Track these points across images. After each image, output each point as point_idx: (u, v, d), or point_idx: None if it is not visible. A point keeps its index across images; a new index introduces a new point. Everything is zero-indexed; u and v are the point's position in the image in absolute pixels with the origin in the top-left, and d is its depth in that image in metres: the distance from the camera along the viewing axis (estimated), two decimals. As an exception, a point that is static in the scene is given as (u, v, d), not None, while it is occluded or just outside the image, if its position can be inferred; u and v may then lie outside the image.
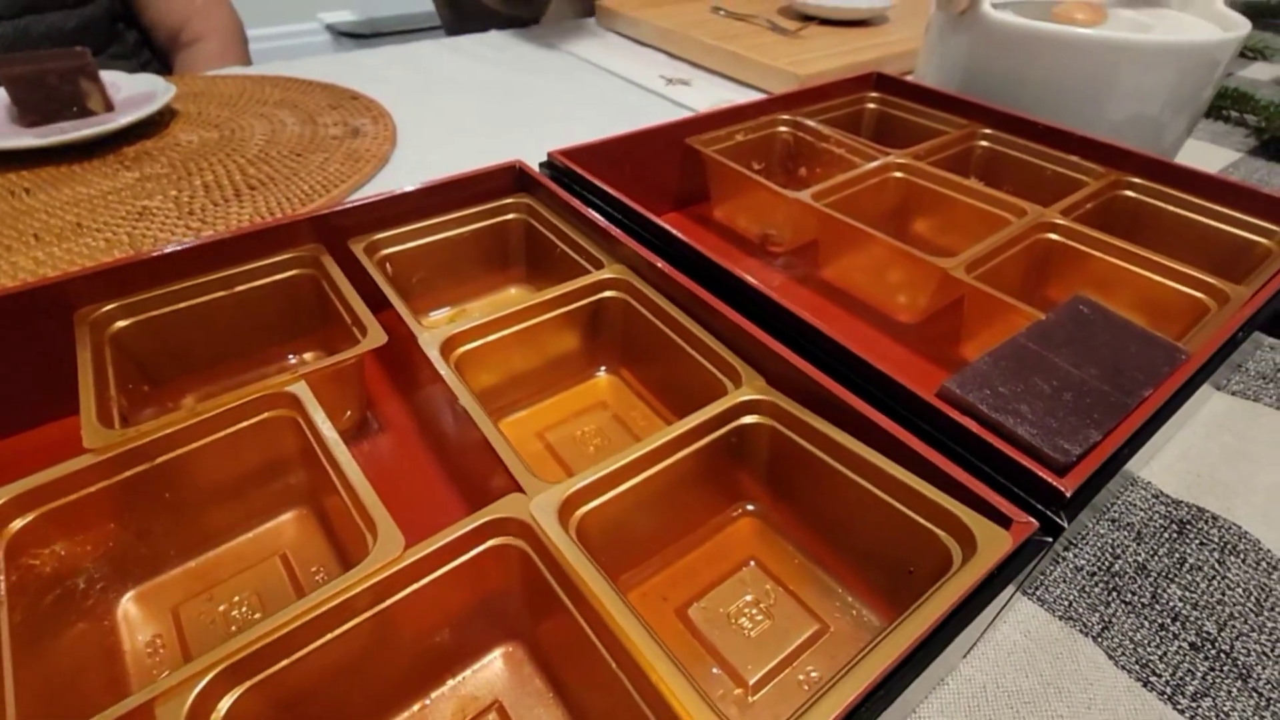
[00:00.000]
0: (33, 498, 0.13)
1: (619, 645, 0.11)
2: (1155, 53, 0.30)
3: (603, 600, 0.12)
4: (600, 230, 0.21)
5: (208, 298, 0.20)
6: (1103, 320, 0.17)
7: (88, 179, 0.35)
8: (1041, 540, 0.13)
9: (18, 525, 0.13)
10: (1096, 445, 0.14)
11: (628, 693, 0.11)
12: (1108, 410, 0.15)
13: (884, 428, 0.14)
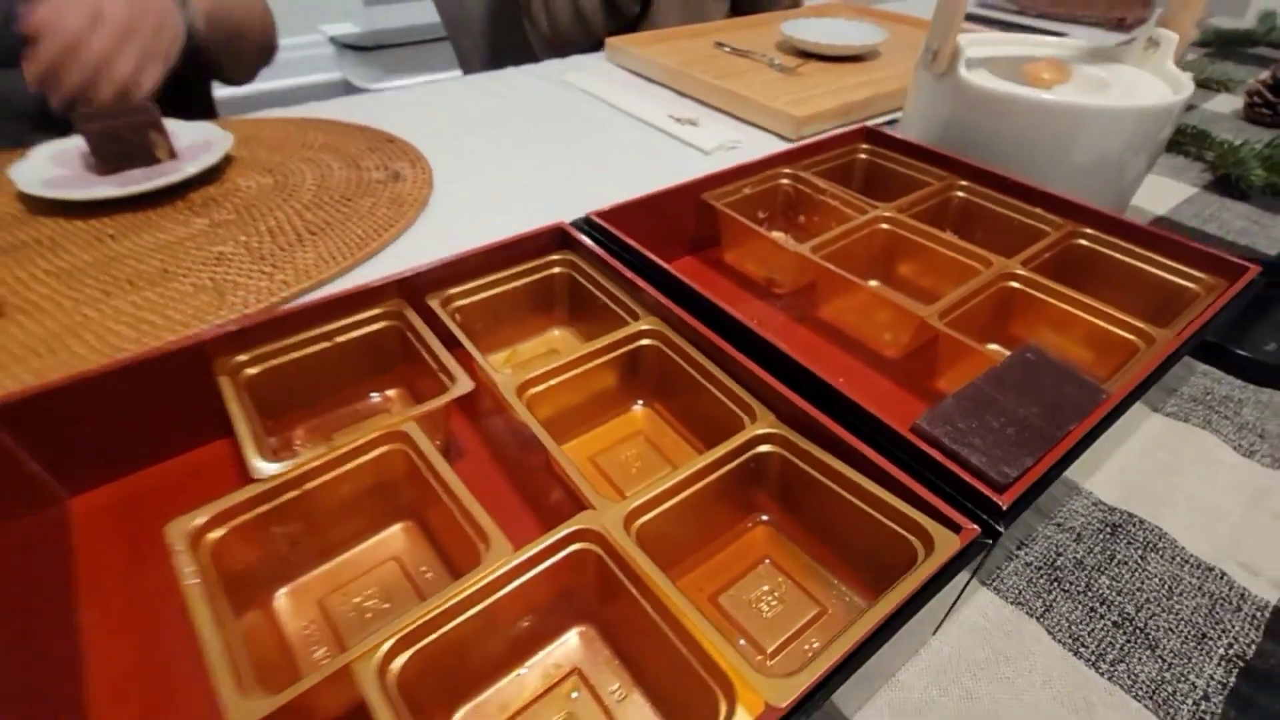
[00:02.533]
0: (224, 516, 0.18)
1: (676, 621, 0.16)
2: (1110, 115, 0.35)
3: (663, 589, 0.16)
4: (634, 285, 0.26)
5: (316, 348, 0.24)
6: (1044, 366, 0.22)
7: (163, 225, 0.40)
8: (983, 541, 0.17)
9: (214, 536, 0.18)
10: (1029, 469, 0.18)
11: (683, 656, 0.16)
12: (1040, 441, 0.19)
13: (868, 456, 0.19)
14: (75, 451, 0.22)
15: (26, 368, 0.29)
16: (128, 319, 0.32)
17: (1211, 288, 0.27)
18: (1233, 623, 0.21)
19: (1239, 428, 0.28)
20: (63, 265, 0.36)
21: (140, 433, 0.23)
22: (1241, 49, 0.78)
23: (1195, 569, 0.23)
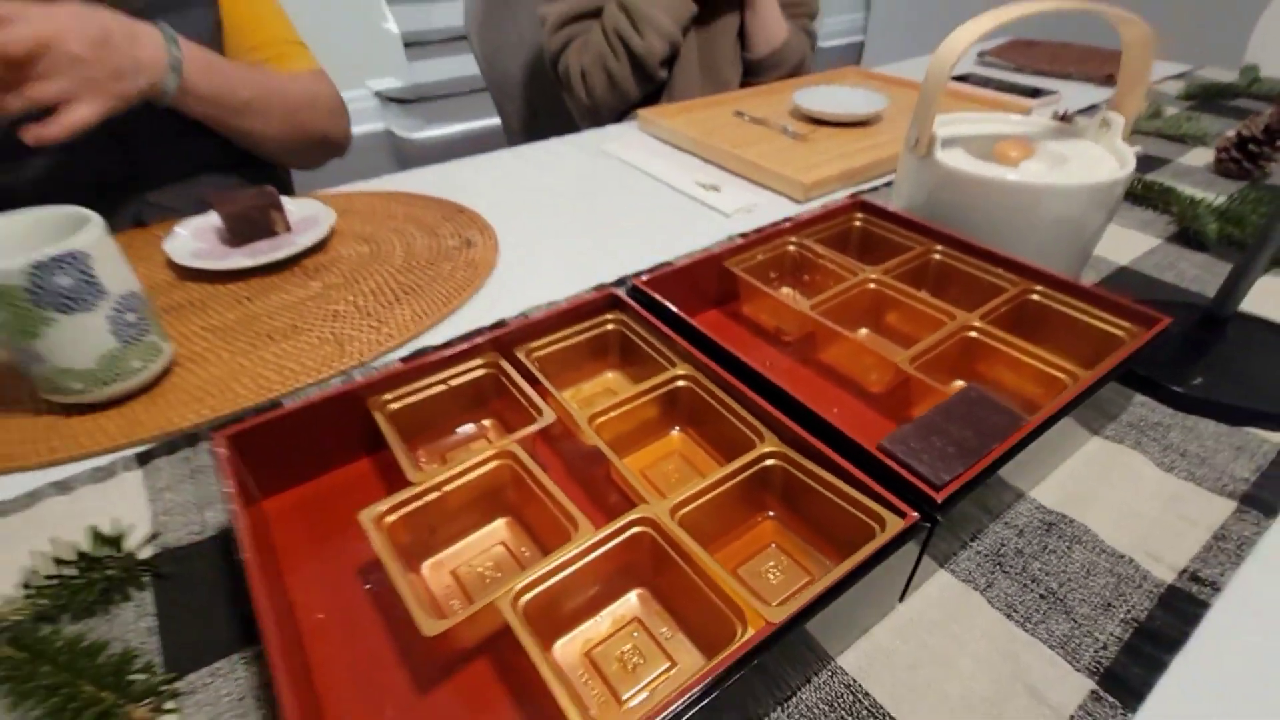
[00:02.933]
0: (392, 509, 0.26)
1: (709, 578, 0.23)
2: (1063, 191, 0.42)
3: (699, 556, 0.23)
4: (670, 337, 0.33)
5: (437, 389, 0.32)
6: (981, 401, 0.29)
7: (287, 288, 0.49)
8: (922, 525, 0.24)
9: (388, 520, 0.26)
10: (959, 475, 0.25)
11: (713, 601, 0.23)
12: (970, 456, 0.26)
13: (845, 467, 0.26)
14: (268, 466, 0.30)
15: (204, 405, 0.38)
16: (273, 366, 0.41)
17: (1134, 334, 0.34)
18: (1134, 596, 0.27)
19: (1164, 448, 0.35)
20: (214, 323, 0.45)
21: (311, 453, 0.31)
22: (1224, 101, 0.84)
23: (1110, 556, 0.29)
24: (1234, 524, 0.30)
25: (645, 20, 0.78)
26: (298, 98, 0.66)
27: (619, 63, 0.81)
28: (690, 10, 0.81)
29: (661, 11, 0.79)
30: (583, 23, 0.84)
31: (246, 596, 0.23)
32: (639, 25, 0.79)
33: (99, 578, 0.28)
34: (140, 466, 0.35)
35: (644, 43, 0.79)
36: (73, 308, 0.34)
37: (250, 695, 0.25)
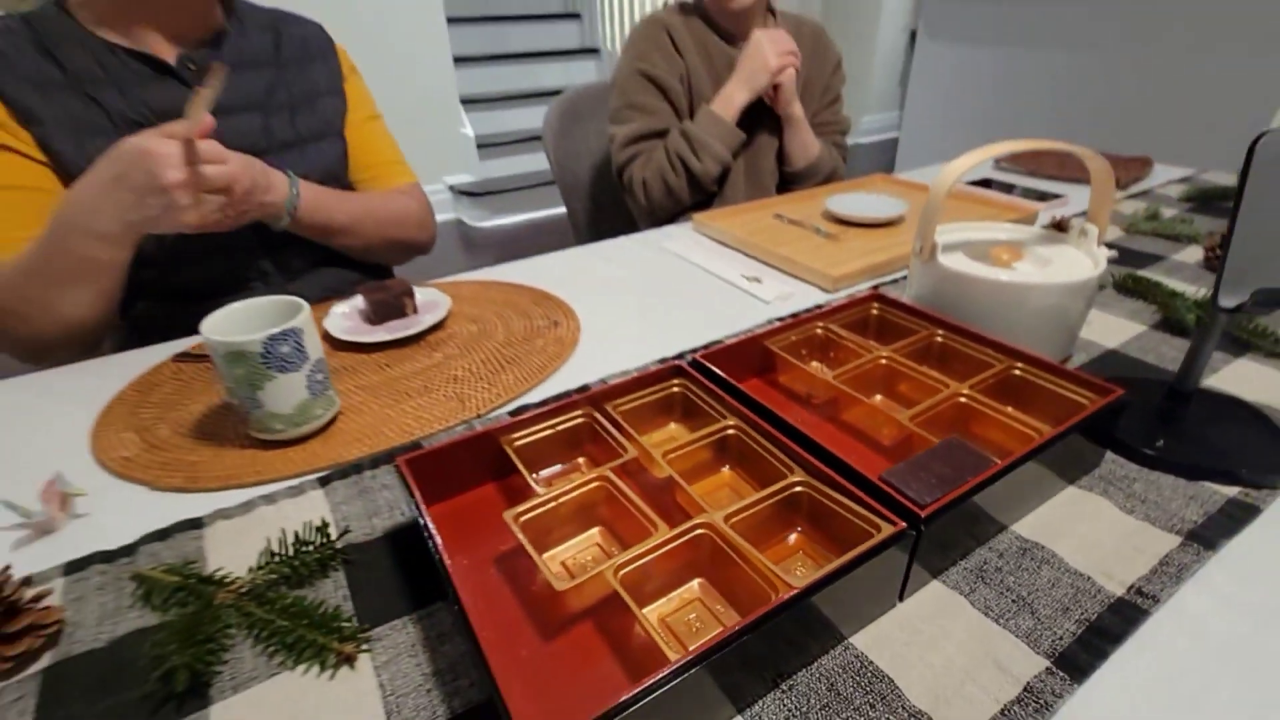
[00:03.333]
0: (525, 511, 0.36)
1: (755, 566, 0.32)
2: (1044, 289, 0.52)
3: (747, 549, 0.33)
4: (722, 398, 0.44)
5: (548, 432, 0.43)
6: (960, 447, 0.38)
7: (416, 357, 0.62)
8: (908, 532, 0.33)
9: (524, 518, 0.36)
10: (938, 499, 0.34)
11: (755, 581, 0.32)
12: (948, 486, 0.35)
13: (854, 492, 0.35)
14: (430, 483, 0.41)
15: (364, 444, 0.50)
16: (411, 416, 0.53)
17: (1094, 403, 0.43)
18: (1088, 604, 0.35)
19: (1128, 496, 0.42)
20: (363, 383, 0.58)
21: (458, 476, 0.42)
22: (1222, 203, 0.93)
23: (1072, 574, 0.37)
24: (1177, 554, 0.38)
25: (703, 147, 0.94)
26: (390, 216, 0.82)
27: (678, 179, 0.96)
28: (740, 138, 0.97)
29: (717, 141, 0.94)
30: (646, 142, 1.00)
31: (429, 567, 0.33)
32: (698, 151, 0.95)
33: (312, 558, 0.39)
34: (321, 487, 0.46)
35: (701, 165, 0.95)
36: (287, 368, 0.47)
37: (418, 643, 0.35)
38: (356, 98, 0.83)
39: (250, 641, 0.35)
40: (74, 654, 0.35)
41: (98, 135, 0.64)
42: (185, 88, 0.68)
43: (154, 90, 0.67)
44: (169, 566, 0.39)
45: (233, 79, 0.70)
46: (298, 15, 0.80)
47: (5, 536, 0.43)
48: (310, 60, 0.78)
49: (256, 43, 0.74)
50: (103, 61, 0.64)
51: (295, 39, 0.77)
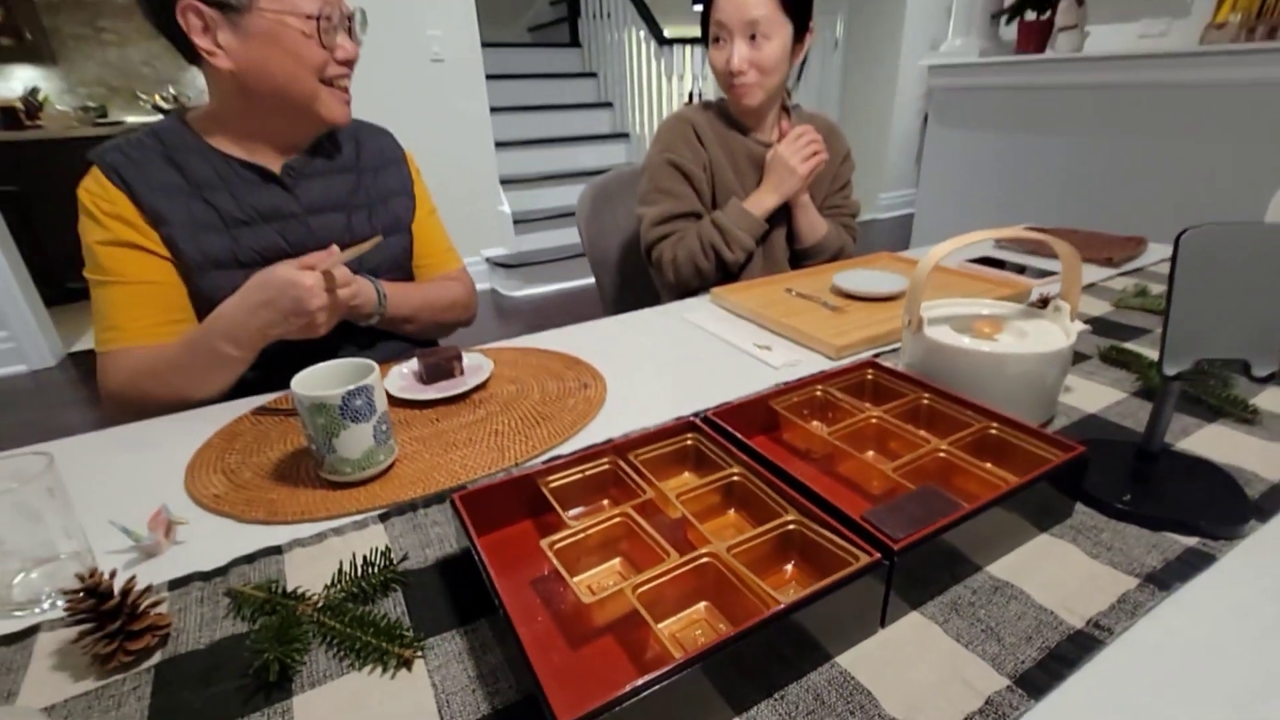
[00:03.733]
0: (557, 540, 0.43)
1: (751, 587, 0.38)
2: (1020, 358, 0.58)
3: (746, 574, 0.39)
4: (730, 450, 0.51)
5: (577, 477, 0.50)
6: (933, 493, 0.44)
7: (461, 414, 0.71)
8: (882, 563, 0.38)
9: (558, 546, 0.43)
10: (909, 535, 0.40)
11: (754, 602, 0.38)
12: (919, 525, 0.41)
13: (840, 529, 0.41)
14: (480, 518, 0.48)
15: (418, 486, 0.58)
16: (458, 464, 0.61)
17: (1057, 458, 0.48)
18: (1049, 634, 0.40)
19: (1095, 544, 0.47)
20: (416, 435, 0.67)
21: (501, 512, 0.49)
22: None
23: (1037, 609, 0.41)
24: (1135, 593, 0.42)
25: (735, 240, 1.05)
26: (443, 303, 0.94)
27: (708, 264, 1.07)
28: (764, 229, 1.08)
29: (747, 234, 1.06)
30: (673, 223, 1.11)
31: (480, 586, 0.40)
32: (730, 242, 1.05)
33: (376, 579, 0.46)
34: (381, 522, 0.54)
35: (732, 255, 1.06)
36: (359, 419, 0.55)
37: (464, 652, 0.41)
38: (421, 197, 0.96)
39: (324, 647, 0.42)
40: (180, 653, 0.42)
41: (211, 232, 0.76)
42: (285, 192, 0.82)
43: (260, 194, 0.80)
44: (256, 584, 0.46)
45: (324, 182, 0.83)
46: (374, 125, 0.94)
47: (118, 557, 0.51)
48: (385, 166, 0.92)
49: (343, 151, 0.88)
50: (218, 169, 0.78)
51: (373, 148, 0.91)
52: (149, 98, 4.22)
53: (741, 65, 1.01)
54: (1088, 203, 2.41)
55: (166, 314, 0.76)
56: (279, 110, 0.76)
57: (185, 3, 0.68)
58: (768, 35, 1.00)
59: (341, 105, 0.79)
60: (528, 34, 5.13)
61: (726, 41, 1.02)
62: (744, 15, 0.99)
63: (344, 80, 0.78)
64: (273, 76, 0.73)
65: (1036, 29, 2.44)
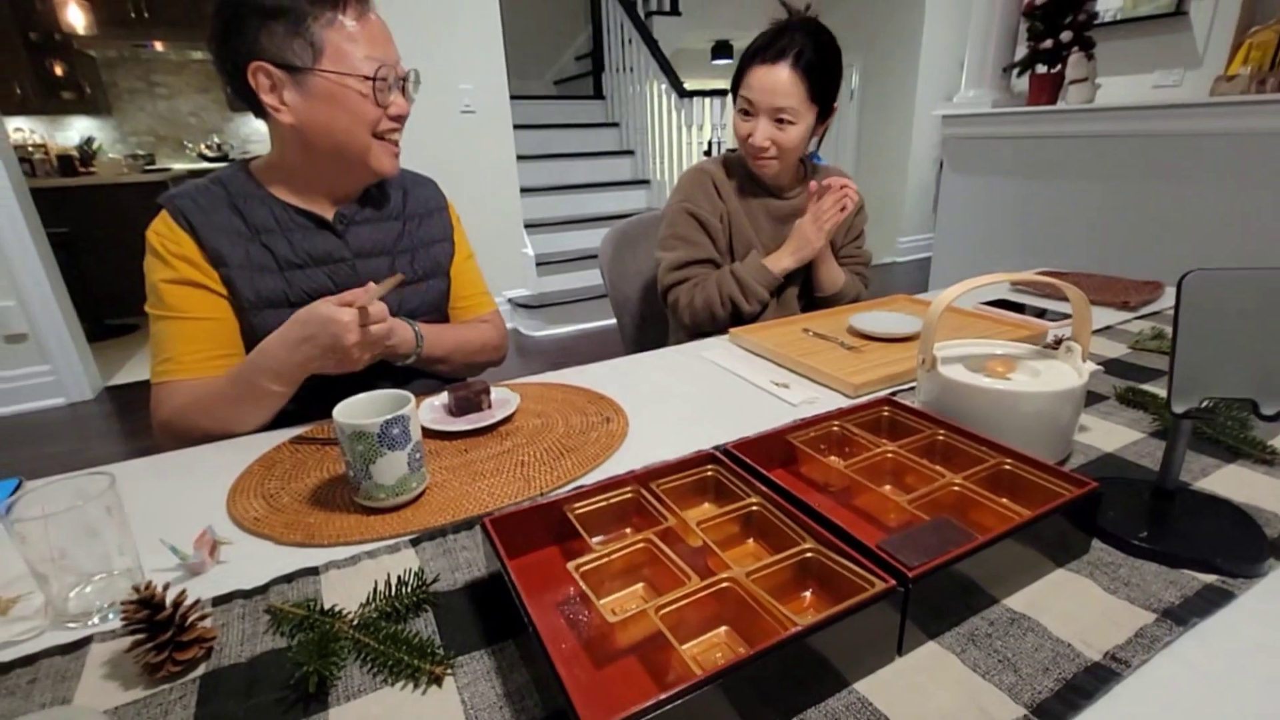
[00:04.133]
0: (584, 564, 0.45)
1: (776, 616, 0.40)
2: (1033, 396, 0.60)
3: (767, 600, 0.40)
4: (749, 481, 0.52)
5: (604, 504, 0.52)
6: (947, 524, 0.45)
7: (488, 445, 0.73)
8: (898, 590, 0.40)
9: (584, 569, 0.44)
10: (924, 564, 0.41)
11: (770, 624, 0.39)
12: (933, 554, 0.42)
13: (856, 556, 0.43)
14: (508, 542, 0.50)
15: (447, 513, 0.60)
16: (485, 492, 0.63)
17: (1070, 493, 0.49)
18: (1066, 665, 0.40)
19: (1112, 579, 0.47)
20: (446, 464, 0.69)
21: (529, 537, 0.51)
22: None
23: (1054, 641, 0.42)
24: (1153, 628, 0.43)
25: (752, 293, 1.09)
26: (475, 345, 0.97)
27: (724, 313, 1.10)
28: (779, 281, 1.12)
29: (763, 287, 1.10)
30: (689, 269, 1.15)
31: (507, 609, 0.42)
32: (747, 295, 1.09)
33: (408, 599, 0.48)
34: (412, 546, 0.56)
35: (749, 308, 1.10)
36: (395, 447, 0.58)
37: (492, 670, 0.42)
38: (459, 243, 1.01)
39: (359, 662, 0.44)
40: (223, 666, 0.44)
41: (266, 274, 0.82)
42: (337, 238, 0.88)
43: (313, 240, 0.86)
44: (295, 602, 0.48)
45: (373, 229, 0.89)
46: (420, 175, 1.01)
47: (165, 575, 0.54)
48: (429, 214, 0.98)
49: (391, 200, 0.94)
50: (276, 215, 0.84)
51: (419, 197, 0.98)
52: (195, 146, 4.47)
53: (764, 143, 1.08)
54: (1102, 248, 2.43)
55: (219, 348, 0.81)
56: (335, 162, 0.83)
57: (256, 64, 0.74)
58: (793, 120, 1.07)
59: (390, 158, 0.84)
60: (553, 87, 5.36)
61: (753, 117, 1.08)
62: (773, 101, 1.05)
63: (394, 134, 0.83)
64: (331, 132, 0.79)
65: (1048, 81, 2.50)
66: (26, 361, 2.65)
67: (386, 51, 0.79)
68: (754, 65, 1.06)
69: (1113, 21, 3.36)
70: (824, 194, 1.10)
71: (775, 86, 1.04)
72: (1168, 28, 3.37)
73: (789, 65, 1.04)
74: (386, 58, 0.78)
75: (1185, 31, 3.30)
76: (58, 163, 3.97)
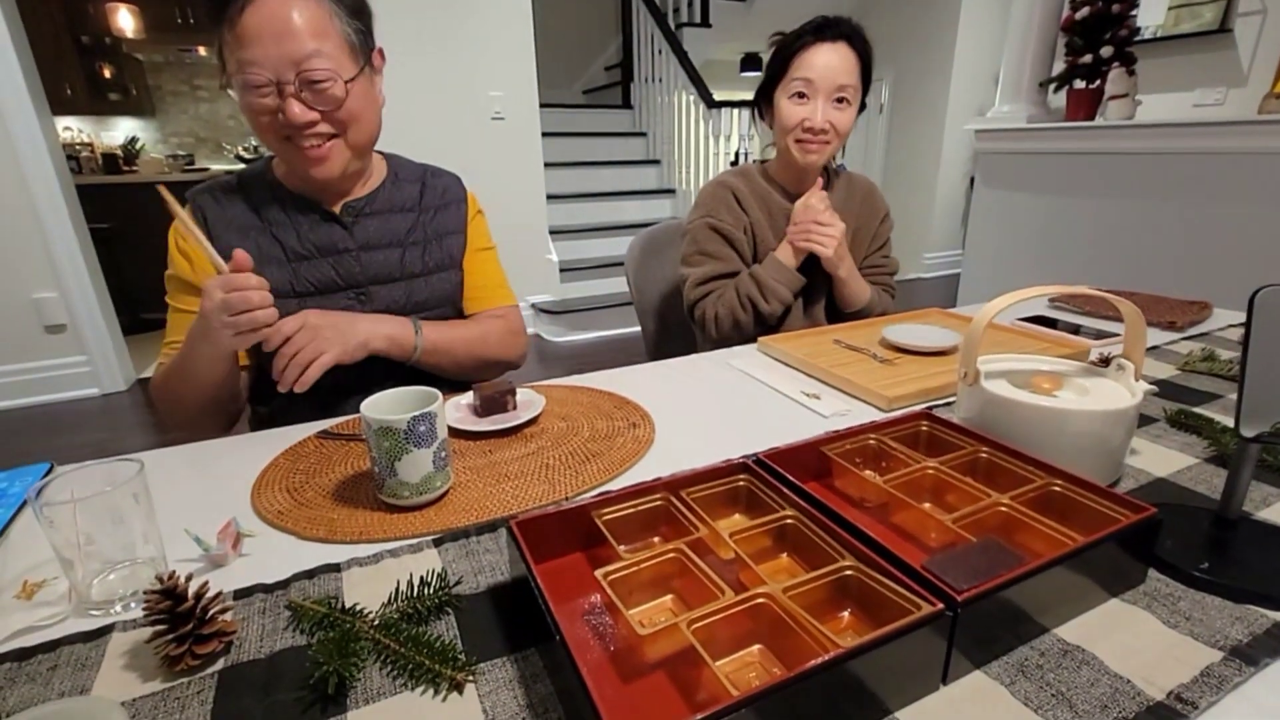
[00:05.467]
0: (611, 573, 0.43)
1: (815, 636, 0.38)
2: (1084, 415, 0.57)
3: (801, 615, 0.38)
4: (783, 492, 0.50)
5: (632, 510, 0.51)
6: (995, 545, 0.43)
7: (513, 446, 0.72)
8: (946, 614, 0.37)
9: (612, 577, 0.43)
10: (973, 586, 0.39)
11: (808, 643, 0.37)
12: (982, 577, 0.40)
13: (900, 576, 0.41)
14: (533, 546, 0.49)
15: (470, 514, 0.59)
16: (509, 495, 0.62)
17: (1126, 519, 0.47)
18: (1126, 704, 0.37)
19: (1172, 612, 0.45)
20: (470, 465, 0.68)
21: (553, 542, 0.50)
22: None
23: (1112, 677, 0.39)
24: (1220, 667, 0.40)
25: (771, 291, 1.07)
26: (476, 334, 0.95)
27: (746, 316, 1.09)
28: (801, 282, 1.10)
29: (783, 286, 1.08)
30: (716, 283, 1.14)
31: (530, 615, 0.40)
32: (766, 295, 1.07)
33: (431, 601, 0.47)
34: (435, 547, 0.55)
35: (769, 307, 1.08)
36: (422, 445, 0.57)
37: (514, 680, 0.41)
38: (476, 234, 1.01)
39: (379, 665, 0.42)
40: (242, 661, 0.43)
41: (274, 265, 0.84)
42: (343, 230, 0.88)
43: (320, 231, 0.87)
44: (317, 599, 0.48)
45: (382, 221, 0.89)
46: (442, 169, 1.01)
47: (188, 566, 0.53)
48: (446, 206, 0.97)
49: (406, 192, 0.94)
50: (285, 207, 0.86)
51: (437, 188, 0.97)
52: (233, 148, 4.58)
53: (825, 125, 1.06)
54: (1139, 267, 2.36)
55: None
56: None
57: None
58: (850, 101, 1.06)
59: (306, 160, 0.80)
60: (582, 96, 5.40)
61: (810, 99, 1.06)
62: (836, 79, 1.04)
63: (302, 140, 0.78)
64: (258, 135, 0.80)
65: (1086, 97, 2.45)
66: (64, 352, 2.72)
67: (265, 51, 0.71)
68: (812, 45, 1.04)
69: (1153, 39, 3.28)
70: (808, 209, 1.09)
71: (839, 64, 1.03)
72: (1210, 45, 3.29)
73: (847, 44, 1.04)
74: (262, 59, 0.72)
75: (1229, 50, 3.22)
76: (102, 161, 4.10)
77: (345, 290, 0.89)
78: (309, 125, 0.77)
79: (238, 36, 0.72)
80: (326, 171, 0.81)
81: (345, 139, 0.81)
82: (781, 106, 1.08)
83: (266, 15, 0.71)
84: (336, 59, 0.76)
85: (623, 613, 0.39)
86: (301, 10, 0.73)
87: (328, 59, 0.74)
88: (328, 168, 0.81)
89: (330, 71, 0.75)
